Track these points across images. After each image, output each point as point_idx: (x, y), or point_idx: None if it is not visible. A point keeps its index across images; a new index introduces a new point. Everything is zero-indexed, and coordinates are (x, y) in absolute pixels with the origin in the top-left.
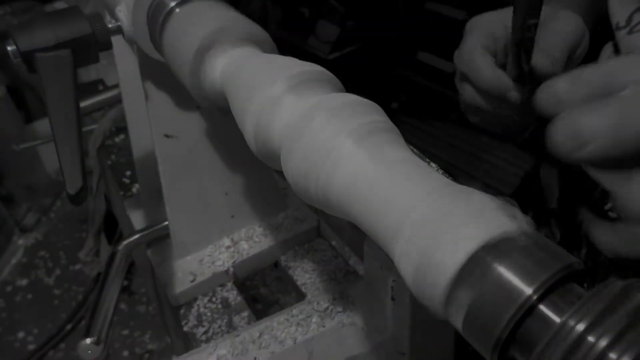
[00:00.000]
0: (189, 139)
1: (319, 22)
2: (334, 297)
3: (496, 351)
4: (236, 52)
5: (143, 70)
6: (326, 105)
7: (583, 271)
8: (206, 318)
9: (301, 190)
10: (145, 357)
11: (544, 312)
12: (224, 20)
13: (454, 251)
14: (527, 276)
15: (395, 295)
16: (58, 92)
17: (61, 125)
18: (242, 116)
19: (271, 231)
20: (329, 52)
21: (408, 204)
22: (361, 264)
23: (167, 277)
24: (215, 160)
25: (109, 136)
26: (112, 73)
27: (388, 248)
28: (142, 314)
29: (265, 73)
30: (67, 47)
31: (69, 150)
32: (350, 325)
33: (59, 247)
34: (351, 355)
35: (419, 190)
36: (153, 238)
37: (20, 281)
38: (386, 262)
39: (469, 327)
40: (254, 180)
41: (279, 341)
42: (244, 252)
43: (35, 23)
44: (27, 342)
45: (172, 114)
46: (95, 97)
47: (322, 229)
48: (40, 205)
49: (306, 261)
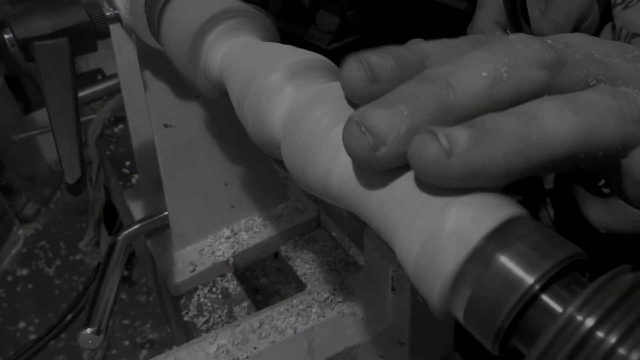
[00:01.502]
0: (189, 128)
1: (319, 13)
2: (334, 288)
3: (497, 341)
4: (235, 39)
5: (142, 59)
6: (326, 93)
7: (586, 261)
8: (206, 308)
9: (301, 180)
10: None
11: (546, 302)
12: (223, 6)
13: (456, 243)
14: (529, 266)
15: (395, 286)
16: (56, 81)
17: (59, 115)
18: (241, 105)
19: (271, 222)
20: (329, 42)
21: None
22: (361, 254)
23: (167, 267)
24: (215, 150)
25: (108, 126)
26: (110, 62)
27: (388, 238)
28: (143, 304)
29: (265, 61)
30: (64, 36)
31: (67, 140)
32: (351, 315)
33: (59, 237)
34: (351, 345)
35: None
36: (153, 228)
37: (21, 271)
38: (386, 253)
39: (470, 316)
40: (254, 170)
41: (279, 331)
42: (244, 243)
43: (32, 11)
44: (28, 332)
45: (171, 103)
46: (93, 87)
47: (322, 220)
48: (40, 196)
49: (306, 252)
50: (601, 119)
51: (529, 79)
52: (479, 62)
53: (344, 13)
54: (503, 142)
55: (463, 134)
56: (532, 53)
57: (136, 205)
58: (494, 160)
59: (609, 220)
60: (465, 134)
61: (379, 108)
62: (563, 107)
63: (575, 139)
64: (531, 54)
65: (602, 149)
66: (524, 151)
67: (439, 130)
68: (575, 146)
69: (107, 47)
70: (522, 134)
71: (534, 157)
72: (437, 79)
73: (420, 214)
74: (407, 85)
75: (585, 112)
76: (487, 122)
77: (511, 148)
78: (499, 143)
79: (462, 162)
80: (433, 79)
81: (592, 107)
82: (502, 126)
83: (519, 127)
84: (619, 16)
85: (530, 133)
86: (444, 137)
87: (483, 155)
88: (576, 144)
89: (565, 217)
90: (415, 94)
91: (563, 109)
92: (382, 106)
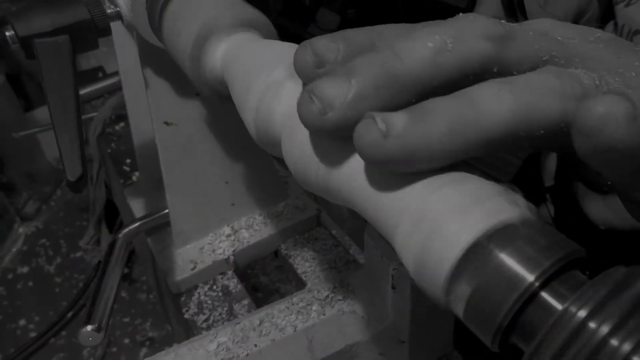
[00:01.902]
0: (189, 126)
1: (320, 10)
2: (334, 286)
3: (497, 338)
4: (236, 37)
5: (143, 57)
6: None
7: (586, 259)
8: (207, 306)
9: (302, 177)
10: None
11: (545, 300)
12: (224, 5)
13: (455, 240)
14: (529, 263)
15: (395, 284)
16: (57, 78)
17: (60, 113)
18: (242, 103)
19: (271, 220)
20: None
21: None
22: (361, 252)
23: (167, 265)
24: (216, 148)
25: (109, 124)
26: (112, 60)
27: (389, 236)
28: (143, 301)
29: (265, 59)
30: (65, 33)
31: (68, 138)
32: (351, 313)
33: (60, 235)
34: (351, 343)
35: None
36: (153, 226)
37: (22, 269)
38: (387, 251)
39: (470, 314)
40: (254, 168)
41: (279, 329)
42: (244, 241)
43: (33, 8)
44: (28, 330)
45: (172, 101)
46: (94, 85)
47: (323, 218)
48: (40, 194)
49: (306, 250)
50: (540, 98)
51: (475, 50)
52: (426, 34)
53: (344, 11)
54: (437, 122)
55: (400, 117)
56: (478, 26)
57: (137, 203)
58: (428, 140)
59: (609, 216)
60: (403, 116)
61: (329, 78)
62: (501, 87)
63: (512, 119)
64: (478, 27)
65: (544, 127)
66: (459, 130)
67: (377, 115)
68: (513, 125)
69: (108, 45)
70: (457, 113)
71: (470, 137)
72: (384, 50)
73: (421, 211)
74: (357, 58)
75: (523, 92)
76: (427, 104)
77: (446, 128)
78: (434, 123)
79: (397, 143)
80: (380, 50)
81: (531, 87)
82: (439, 107)
83: (454, 107)
84: (620, 13)
85: (466, 113)
86: (381, 121)
87: (417, 136)
88: (514, 124)
89: (565, 213)
90: (362, 63)
91: (501, 90)
92: (332, 77)
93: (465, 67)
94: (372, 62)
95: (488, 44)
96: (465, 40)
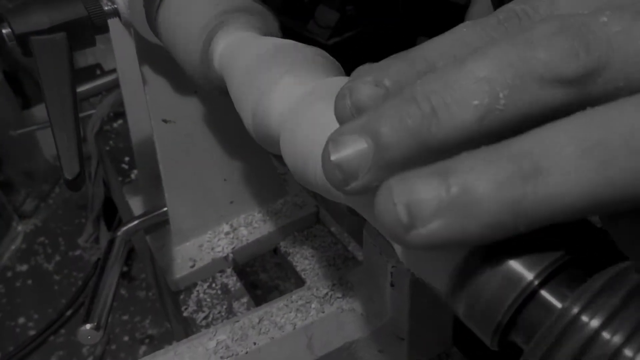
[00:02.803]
0: (188, 124)
1: (319, 8)
2: (333, 283)
3: (496, 336)
4: (235, 34)
5: (140, 54)
6: (326, 88)
7: (585, 257)
8: (206, 304)
9: (300, 175)
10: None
11: (545, 298)
12: (224, 1)
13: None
14: (528, 261)
15: (394, 281)
16: (54, 76)
17: (58, 110)
18: (240, 100)
19: (270, 217)
20: (328, 37)
21: None
22: (360, 250)
23: (166, 263)
24: (214, 145)
25: (107, 121)
26: (109, 57)
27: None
28: (142, 299)
29: (264, 56)
30: (62, 30)
31: (66, 135)
32: (350, 310)
33: (58, 233)
34: (350, 340)
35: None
36: (152, 224)
37: (20, 267)
38: (385, 248)
39: (469, 311)
40: (253, 166)
41: (278, 327)
42: (243, 238)
43: (30, 5)
44: (27, 328)
45: (171, 98)
46: (92, 82)
47: (322, 216)
48: (39, 192)
49: (305, 247)
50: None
51: (537, 104)
52: (474, 80)
53: (343, 8)
54: (481, 213)
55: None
56: (551, 63)
57: (135, 201)
58: (464, 234)
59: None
60: (433, 199)
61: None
62: (584, 147)
63: (592, 198)
64: (549, 65)
65: (632, 202)
66: (507, 222)
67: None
68: (589, 206)
69: (106, 42)
70: (511, 198)
71: (521, 227)
72: (421, 102)
73: None
74: (388, 107)
75: (617, 157)
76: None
77: (490, 221)
78: (475, 215)
79: (424, 237)
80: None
81: (628, 147)
82: (484, 187)
83: (509, 187)
84: None
85: (524, 196)
86: (404, 209)
87: (451, 230)
88: (592, 203)
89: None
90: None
91: (584, 151)
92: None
93: (522, 125)
94: (402, 128)
95: (560, 92)
96: (525, 91)
